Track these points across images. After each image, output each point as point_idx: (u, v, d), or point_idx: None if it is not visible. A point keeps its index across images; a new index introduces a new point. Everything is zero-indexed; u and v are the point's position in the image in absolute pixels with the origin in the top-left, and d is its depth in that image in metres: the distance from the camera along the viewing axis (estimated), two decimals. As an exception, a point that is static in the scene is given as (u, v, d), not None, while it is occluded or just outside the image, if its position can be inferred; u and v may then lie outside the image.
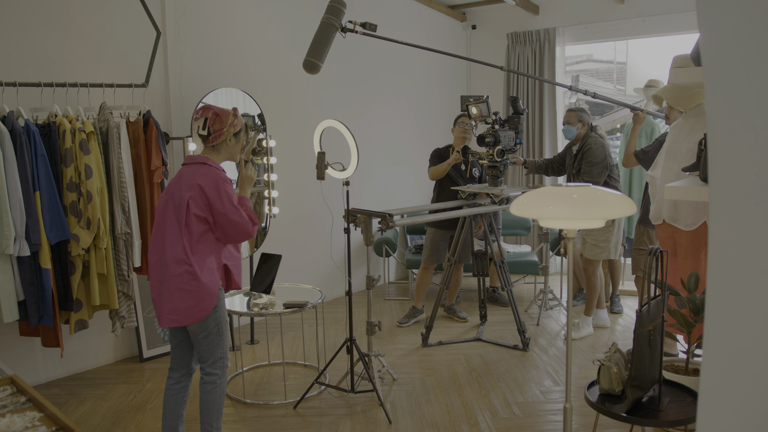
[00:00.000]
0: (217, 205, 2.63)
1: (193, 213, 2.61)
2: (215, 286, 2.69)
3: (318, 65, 3.40)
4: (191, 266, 2.61)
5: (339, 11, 3.41)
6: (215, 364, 2.77)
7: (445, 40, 6.99)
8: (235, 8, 4.76)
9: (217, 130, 2.69)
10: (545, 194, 2.12)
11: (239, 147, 2.82)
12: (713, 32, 0.89)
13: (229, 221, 2.65)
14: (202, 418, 2.81)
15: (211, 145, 2.74)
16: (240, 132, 2.79)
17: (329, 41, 3.42)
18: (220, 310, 2.73)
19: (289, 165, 5.14)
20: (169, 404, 2.83)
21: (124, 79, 3.93)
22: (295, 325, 4.89)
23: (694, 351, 2.85)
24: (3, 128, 3.15)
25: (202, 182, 2.63)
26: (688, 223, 3.43)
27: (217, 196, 2.62)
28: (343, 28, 3.44)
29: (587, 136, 4.54)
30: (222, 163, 2.79)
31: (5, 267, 3.21)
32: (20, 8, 3.56)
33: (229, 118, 2.72)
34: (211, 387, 2.78)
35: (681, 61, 3.29)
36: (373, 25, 3.50)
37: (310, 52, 3.40)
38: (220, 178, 2.67)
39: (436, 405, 3.56)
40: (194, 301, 2.63)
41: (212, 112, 2.69)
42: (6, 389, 2.00)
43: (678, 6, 5.87)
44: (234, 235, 2.69)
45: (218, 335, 2.74)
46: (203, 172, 2.66)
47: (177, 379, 2.85)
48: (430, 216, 4.12)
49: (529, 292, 6.07)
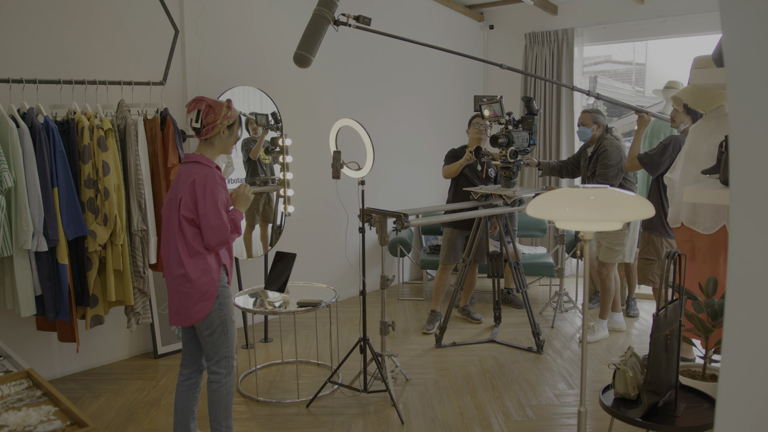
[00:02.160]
0: (201, 204, 2.60)
1: (182, 214, 2.61)
2: (212, 287, 2.67)
3: (309, 59, 3.31)
4: (184, 268, 2.62)
5: (332, 3, 3.32)
6: (220, 362, 2.77)
7: (462, 40, 6.97)
8: (253, 7, 4.77)
9: (210, 122, 2.64)
10: (562, 195, 2.10)
11: (233, 140, 2.78)
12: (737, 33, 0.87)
13: (207, 223, 2.60)
14: (211, 416, 2.83)
15: (204, 138, 2.70)
16: (234, 124, 2.74)
17: (321, 34, 3.33)
18: (225, 308, 2.73)
19: (304, 164, 5.15)
20: (180, 400, 2.85)
21: (142, 77, 3.96)
22: (309, 323, 4.90)
23: (712, 356, 2.80)
24: (23, 125, 3.19)
25: (196, 180, 2.61)
26: (707, 226, 3.38)
27: (202, 195, 2.59)
28: (336, 21, 3.35)
29: (602, 138, 4.49)
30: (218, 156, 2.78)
31: (23, 262, 3.24)
32: (42, 7, 3.60)
33: (223, 110, 2.67)
34: (217, 386, 2.78)
35: (702, 62, 3.24)
36: (367, 19, 3.40)
37: (301, 45, 3.31)
38: (210, 177, 2.63)
39: (449, 406, 3.55)
40: (191, 302, 2.64)
41: (205, 104, 2.64)
42: (22, 383, 2.02)
43: (698, 6, 5.80)
44: (210, 238, 2.61)
45: (223, 333, 2.74)
46: (196, 170, 2.64)
47: (187, 375, 2.86)
48: (445, 216, 4.10)
49: (544, 294, 6.03)
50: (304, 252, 5.01)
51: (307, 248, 5.24)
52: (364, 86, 5.78)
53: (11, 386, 1.98)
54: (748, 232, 0.88)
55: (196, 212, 2.61)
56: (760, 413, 0.87)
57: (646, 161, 4.11)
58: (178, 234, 2.63)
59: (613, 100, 5.06)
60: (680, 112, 3.97)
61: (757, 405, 0.88)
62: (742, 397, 0.89)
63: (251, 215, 4.68)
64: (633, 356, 2.58)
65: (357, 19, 3.39)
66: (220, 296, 2.71)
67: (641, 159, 4.15)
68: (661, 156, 4.04)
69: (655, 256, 4.24)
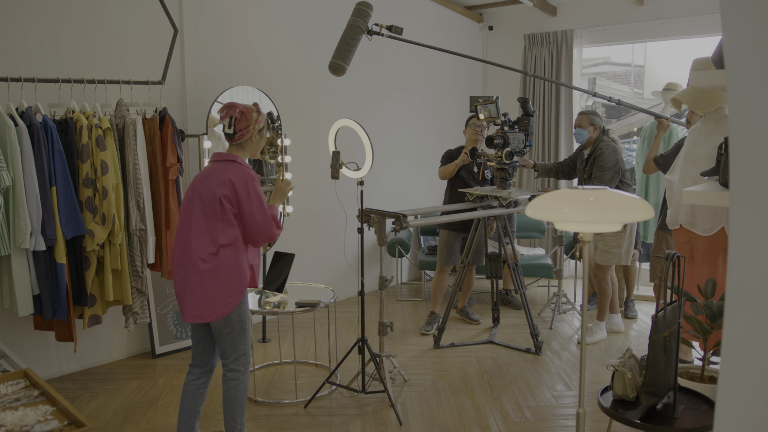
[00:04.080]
0: (245, 203, 2.64)
1: (228, 209, 2.64)
2: (243, 284, 2.70)
3: (344, 67, 3.44)
4: (218, 263, 2.63)
5: (366, 14, 3.44)
6: (238, 360, 2.78)
7: (461, 41, 6.97)
8: (252, 7, 4.77)
9: (243, 128, 2.71)
10: (561, 197, 2.10)
11: (263, 142, 2.85)
12: (737, 35, 0.87)
13: (254, 221, 2.66)
14: (226, 414, 2.82)
15: (236, 143, 2.76)
16: (263, 128, 2.82)
17: (355, 44, 3.44)
18: (244, 306, 2.76)
19: (303, 164, 5.15)
20: (188, 400, 2.84)
21: (141, 76, 3.95)
22: (307, 324, 4.89)
23: (710, 358, 2.81)
24: (21, 123, 3.18)
25: (233, 179, 2.65)
26: (706, 228, 3.38)
27: (245, 194, 2.64)
28: (369, 30, 3.45)
29: (599, 140, 4.47)
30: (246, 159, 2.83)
31: (21, 261, 3.23)
32: (40, 5, 3.59)
33: (253, 115, 2.74)
34: (234, 384, 2.79)
35: (701, 64, 3.25)
36: (399, 28, 3.53)
37: (336, 54, 3.43)
38: (250, 176, 2.69)
39: (447, 407, 3.54)
40: (220, 297, 2.64)
41: (238, 111, 2.71)
42: (19, 383, 2.01)
43: (698, 9, 5.81)
44: (257, 235, 2.69)
45: (241, 331, 2.76)
46: (234, 169, 2.68)
47: (197, 375, 2.86)
48: (444, 217, 4.09)
49: (542, 295, 6.03)
50: (303, 252, 5.01)
51: (306, 248, 5.23)
52: (363, 86, 5.78)
53: (8, 386, 1.97)
54: (747, 234, 0.88)
55: (238, 208, 2.65)
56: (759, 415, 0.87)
57: (662, 163, 4.17)
58: (213, 228, 2.64)
59: (638, 107, 5.07)
60: (696, 114, 3.98)
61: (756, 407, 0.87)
62: (741, 399, 0.89)
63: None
64: (632, 358, 2.58)
65: (390, 29, 3.52)
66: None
67: (657, 161, 4.24)
68: (675, 157, 4.06)
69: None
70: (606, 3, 6.42)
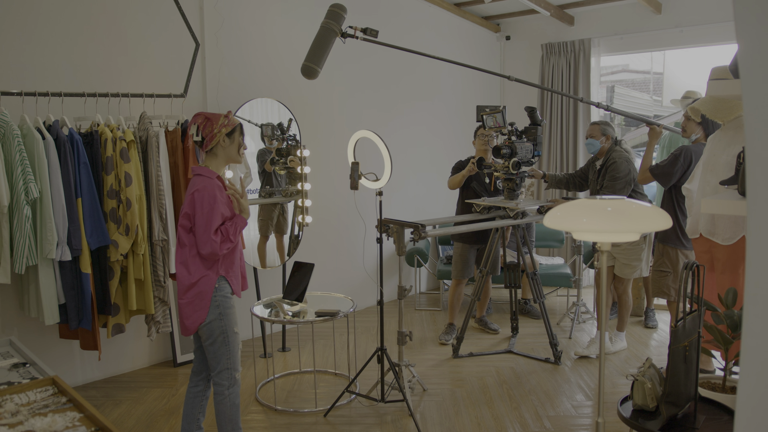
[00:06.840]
0: (197, 215, 2.66)
1: (180, 224, 2.71)
2: (205, 298, 2.70)
3: (317, 70, 3.38)
4: (184, 277, 2.70)
5: (339, 16, 3.38)
6: (221, 374, 2.79)
7: (479, 51, 7.00)
8: (272, 20, 4.84)
9: (208, 133, 2.73)
10: (579, 206, 2.11)
11: (236, 147, 2.82)
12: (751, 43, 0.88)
13: (198, 234, 2.66)
14: (219, 427, 2.86)
15: (207, 151, 2.78)
16: (233, 132, 2.79)
17: (328, 46, 3.39)
18: (226, 318, 2.76)
19: (322, 174, 5.19)
20: (187, 407, 2.91)
21: (164, 89, 4.03)
22: (327, 333, 4.92)
23: (732, 368, 2.78)
24: (48, 137, 3.26)
25: (192, 192, 2.69)
26: (726, 237, 3.36)
27: (192, 207, 2.67)
28: (343, 33, 3.40)
29: (611, 150, 4.42)
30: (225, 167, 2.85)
31: (47, 271, 3.31)
32: (66, 22, 3.68)
33: (220, 119, 2.75)
34: (220, 398, 2.81)
35: (719, 72, 3.24)
36: (374, 31, 3.45)
37: (308, 57, 3.37)
38: (207, 190, 2.67)
39: (466, 417, 3.54)
40: (188, 311, 2.71)
41: (203, 117, 2.74)
42: (48, 389, 2.06)
43: (717, 16, 5.78)
44: (201, 248, 2.66)
45: (224, 344, 2.76)
46: (194, 182, 2.73)
47: (196, 382, 2.92)
48: (462, 227, 4.10)
49: (561, 304, 6.00)
50: (322, 262, 5.04)
51: (325, 258, 5.27)
52: (382, 97, 5.82)
53: (37, 392, 2.02)
54: (765, 242, 0.89)
55: (194, 222, 2.68)
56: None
57: (658, 173, 4.09)
58: (179, 245, 2.74)
59: (622, 111, 5.03)
60: (690, 121, 3.96)
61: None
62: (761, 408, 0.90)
63: (265, 226, 4.71)
64: (651, 367, 2.57)
65: (364, 31, 3.45)
66: (220, 306, 2.73)
67: (653, 171, 4.14)
68: (672, 167, 4.01)
69: (670, 268, 4.19)
70: (623, 11, 6.41)
